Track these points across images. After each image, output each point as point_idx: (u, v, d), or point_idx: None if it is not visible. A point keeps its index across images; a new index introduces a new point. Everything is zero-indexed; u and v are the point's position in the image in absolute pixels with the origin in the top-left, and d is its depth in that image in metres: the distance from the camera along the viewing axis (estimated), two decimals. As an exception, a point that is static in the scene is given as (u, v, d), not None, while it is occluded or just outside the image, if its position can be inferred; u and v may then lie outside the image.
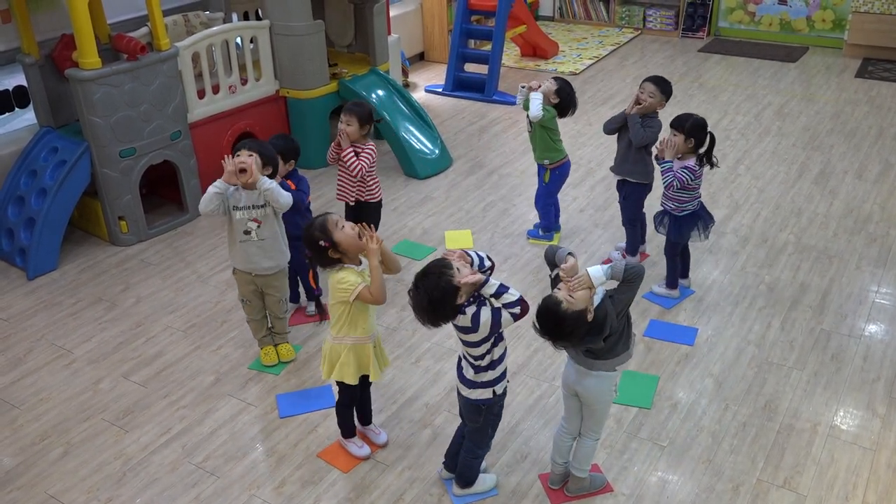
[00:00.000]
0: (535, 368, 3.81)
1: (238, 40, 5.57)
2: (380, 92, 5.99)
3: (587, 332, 2.66)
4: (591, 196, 5.46)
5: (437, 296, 2.63)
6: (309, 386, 3.74)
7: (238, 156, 3.50)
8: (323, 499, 3.13)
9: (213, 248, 4.98)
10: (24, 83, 5.12)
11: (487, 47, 7.76)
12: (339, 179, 4.32)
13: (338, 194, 4.36)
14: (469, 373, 2.86)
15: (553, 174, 4.72)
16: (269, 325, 3.90)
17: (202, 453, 3.37)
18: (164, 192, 5.48)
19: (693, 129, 3.91)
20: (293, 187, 3.82)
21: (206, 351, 4.02)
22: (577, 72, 8.06)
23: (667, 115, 4.30)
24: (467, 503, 3.09)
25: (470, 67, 7.78)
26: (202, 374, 3.85)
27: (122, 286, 4.60)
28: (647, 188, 4.45)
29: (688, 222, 4.10)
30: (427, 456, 3.31)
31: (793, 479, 3.16)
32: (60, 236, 4.78)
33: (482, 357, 2.81)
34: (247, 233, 3.53)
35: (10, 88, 5.40)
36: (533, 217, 5.23)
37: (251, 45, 5.61)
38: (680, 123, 3.94)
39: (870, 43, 8.07)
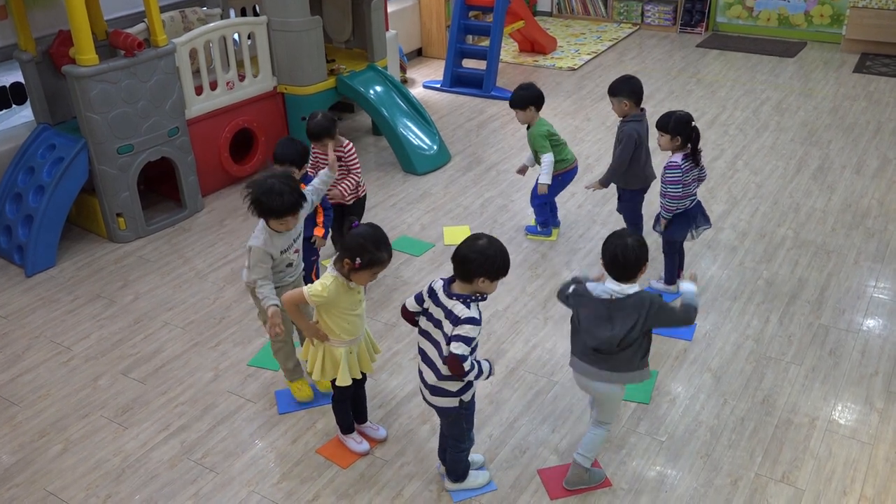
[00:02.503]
0: (533, 364, 3.82)
1: (235, 36, 5.56)
2: (378, 88, 5.98)
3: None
4: (589, 192, 5.45)
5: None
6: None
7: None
8: (322, 494, 3.13)
9: (211, 244, 4.98)
10: (21, 80, 5.11)
11: (485, 43, 7.76)
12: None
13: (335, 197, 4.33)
14: (431, 378, 2.81)
15: (556, 180, 4.68)
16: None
17: (201, 450, 3.38)
18: (162, 189, 5.48)
19: (677, 126, 3.88)
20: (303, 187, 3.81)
21: (204, 347, 4.02)
22: (576, 67, 8.06)
23: (664, 109, 4.28)
24: (465, 498, 3.09)
25: (468, 63, 7.78)
26: (201, 371, 3.85)
27: (120, 283, 4.60)
28: (641, 191, 4.44)
29: (680, 221, 4.06)
30: (426, 452, 3.31)
31: (791, 473, 3.16)
32: (58, 233, 4.77)
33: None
34: (290, 265, 3.39)
35: (7, 85, 5.40)
36: (531, 213, 5.23)
37: (249, 42, 5.61)
38: (664, 123, 3.92)
39: (868, 38, 8.07)
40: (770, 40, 8.75)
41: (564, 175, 4.73)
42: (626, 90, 4.18)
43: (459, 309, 2.73)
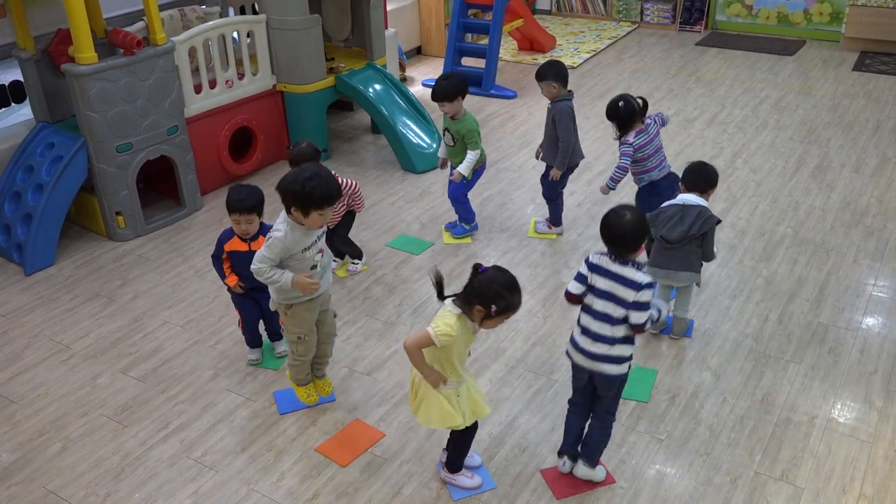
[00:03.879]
0: (532, 362, 3.82)
1: (235, 35, 5.56)
2: (377, 86, 5.98)
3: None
4: (587, 190, 5.45)
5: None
6: (307, 380, 3.74)
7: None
8: (322, 493, 3.13)
9: (210, 242, 4.96)
10: (20, 78, 5.11)
11: (484, 41, 7.76)
12: None
13: None
14: (603, 349, 2.90)
15: (473, 173, 4.70)
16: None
17: (201, 448, 3.38)
18: (161, 188, 5.48)
19: (612, 114, 4.22)
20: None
21: (204, 346, 4.02)
22: (575, 65, 8.05)
23: (664, 107, 4.28)
24: (464, 497, 3.09)
25: (467, 62, 7.78)
26: (200, 369, 3.85)
27: (119, 281, 4.60)
28: (569, 171, 4.70)
29: (649, 191, 4.25)
30: (425, 450, 3.32)
31: (790, 471, 3.17)
32: (57, 232, 4.77)
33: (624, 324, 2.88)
34: (314, 267, 3.17)
35: (6, 84, 5.39)
36: (531, 211, 5.24)
37: (248, 40, 5.60)
38: (607, 115, 4.28)
39: (867, 36, 8.07)
40: (769, 38, 8.75)
41: (481, 168, 4.74)
42: (552, 73, 4.45)
43: (639, 276, 2.83)
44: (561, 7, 9.94)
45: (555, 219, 4.90)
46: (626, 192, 4.98)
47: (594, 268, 2.91)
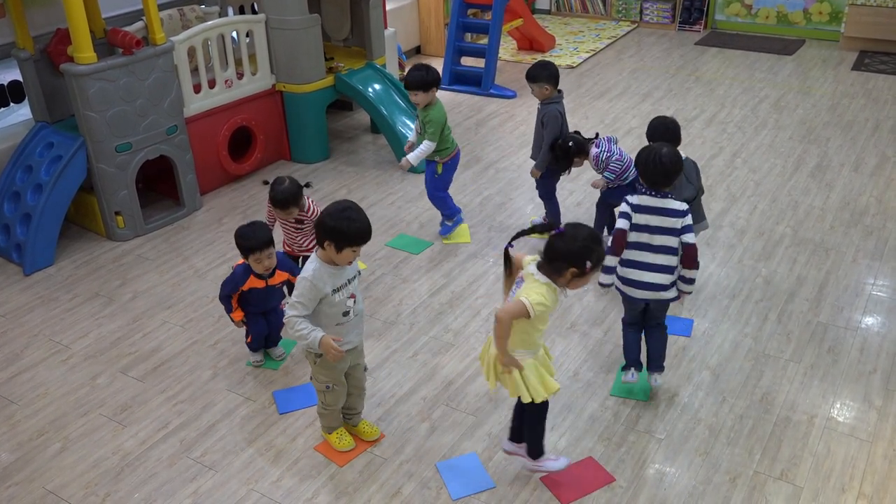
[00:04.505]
0: (532, 362, 3.82)
1: (234, 34, 5.56)
2: (376, 86, 5.98)
3: None
4: (587, 189, 5.45)
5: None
6: (306, 381, 3.73)
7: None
8: (321, 493, 3.13)
9: (209, 242, 4.98)
10: (19, 78, 5.10)
11: (484, 41, 7.75)
12: (292, 234, 4.06)
13: (292, 248, 4.11)
14: (663, 279, 3.26)
15: (445, 166, 4.70)
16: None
17: (200, 448, 3.38)
18: (160, 187, 5.48)
19: (564, 153, 4.47)
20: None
21: (203, 346, 4.02)
22: (574, 65, 8.06)
23: (663, 107, 4.28)
24: (464, 496, 3.09)
25: (466, 61, 7.78)
26: (200, 369, 3.85)
27: (118, 281, 4.60)
28: (558, 172, 4.75)
29: (622, 190, 4.36)
30: (425, 450, 3.32)
31: (790, 470, 3.17)
32: (57, 232, 4.77)
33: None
34: (346, 314, 3.01)
35: (5, 83, 5.39)
36: (530, 211, 5.24)
37: (247, 40, 5.60)
38: (560, 162, 4.52)
39: (866, 35, 8.07)
40: (769, 38, 8.75)
41: (452, 160, 4.71)
42: (545, 75, 4.50)
43: (677, 204, 3.19)
44: (560, 6, 9.94)
45: (555, 217, 4.90)
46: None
47: (637, 208, 3.23)
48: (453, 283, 4.47)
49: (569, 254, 2.65)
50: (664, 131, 3.88)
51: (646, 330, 3.52)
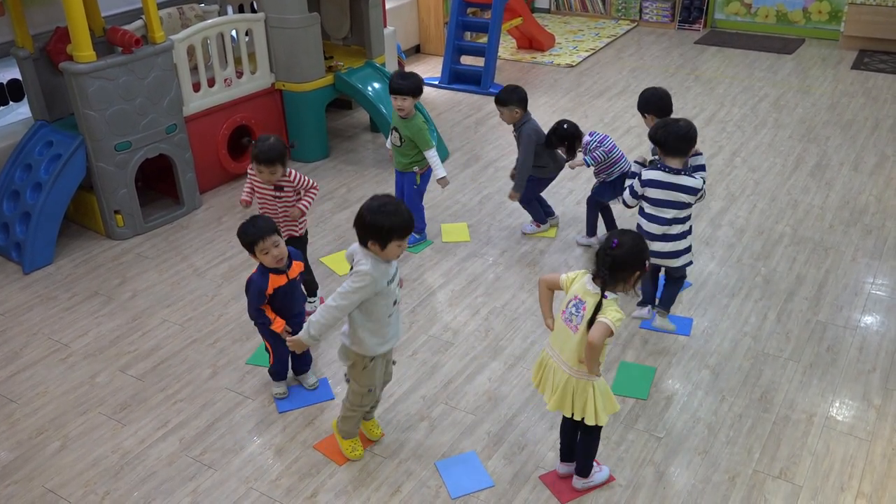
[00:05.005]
0: (531, 360, 3.82)
1: (233, 33, 5.55)
2: (375, 85, 5.98)
3: None
4: (587, 188, 5.44)
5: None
6: (306, 379, 3.74)
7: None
8: (320, 491, 3.13)
9: (209, 241, 4.98)
10: (19, 77, 5.10)
11: (484, 40, 7.75)
12: (263, 208, 3.91)
13: None
14: (670, 246, 3.64)
15: (423, 176, 4.68)
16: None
17: (200, 447, 3.38)
18: (159, 186, 5.47)
19: (557, 138, 4.52)
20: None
21: (202, 344, 4.02)
22: (574, 64, 8.06)
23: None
24: (463, 494, 3.09)
25: (466, 60, 7.78)
26: (199, 368, 3.85)
27: (118, 280, 4.60)
28: (551, 179, 4.80)
29: (607, 187, 4.53)
30: (424, 448, 3.32)
31: (789, 469, 3.17)
32: (56, 230, 4.76)
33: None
34: (395, 303, 2.97)
35: (5, 82, 5.38)
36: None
37: (246, 38, 5.60)
38: (549, 145, 4.57)
39: (866, 34, 8.07)
40: (768, 37, 8.75)
41: (429, 170, 4.67)
42: (516, 98, 4.51)
43: (692, 181, 3.55)
44: (560, 5, 9.94)
45: (538, 217, 4.89)
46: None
47: (650, 182, 3.58)
48: (452, 282, 4.47)
49: (634, 260, 2.70)
50: (657, 101, 4.08)
51: (666, 278, 3.93)
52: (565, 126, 4.51)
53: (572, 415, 2.87)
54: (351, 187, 5.62)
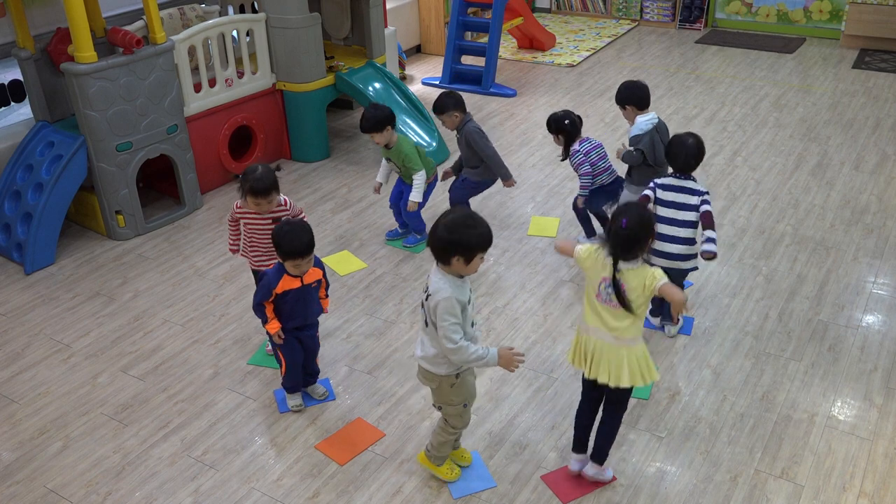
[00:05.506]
0: (532, 361, 3.82)
1: (234, 33, 5.55)
2: (376, 85, 5.98)
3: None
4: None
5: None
6: (307, 379, 3.74)
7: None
8: (322, 491, 3.13)
9: (210, 241, 4.98)
10: (20, 77, 5.10)
11: (484, 40, 7.75)
12: (255, 246, 3.69)
13: (260, 263, 3.72)
14: (680, 248, 3.72)
15: (429, 186, 4.70)
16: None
17: (201, 447, 3.38)
18: (161, 186, 5.48)
19: (556, 126, 4.48)
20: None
21: (204, 345, 4.02)
22: (574, 64, 8.05)
23: (664, 106, 4.28)
24: (465, 494, 3.09)
25: (467, 60, 7.77)
26: (201, 368, 3.85)
27: (119, 280, 4.60)
28: (480, 185, 4.79)
29: (597, 195, 4.54)
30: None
31: (790, 469, 3.17)
32: (57, 231, 4.77)
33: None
34: (473, 325, 2.85)
35: (6, 83, 5.39)
36: (531, 210, 5.23)
37: (247, 39, 5.60)
38: (548, 127, 4.54)
39: (867, 34, 8.06)
40: (769, 36, 8.74)
41: (433, 182, 4.74)
42: (452, 103, 4.53)
43: (696, 184, 3.71)
44: (560, 5, 9.93)
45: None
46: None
47: (663, 186, 3.74)
48: (454, 282, 4.46)
49: (645, 232, 2.81)
50: (639, 93, 4.21)
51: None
52: (566, 122, 4.46)
53: (614, 386, 2.91)
54: (352, 188, 5.62)
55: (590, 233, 4.77)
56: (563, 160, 4.60)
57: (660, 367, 3.74)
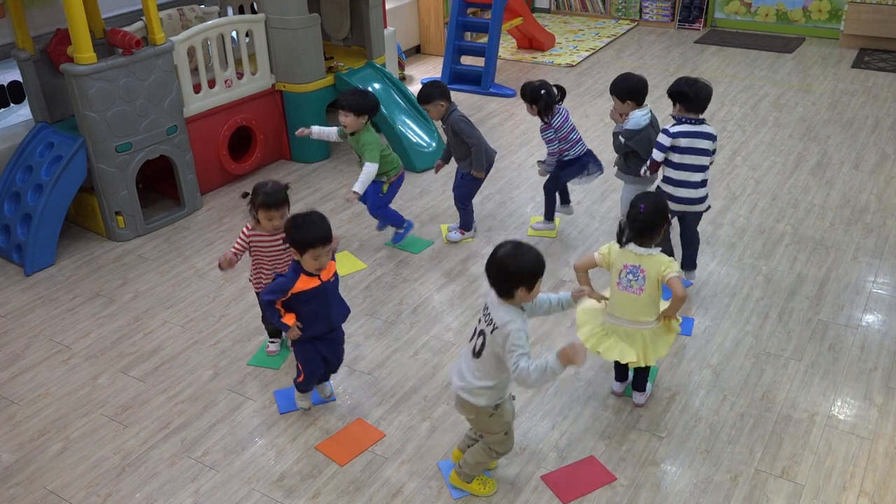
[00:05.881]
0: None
1: (234, 34, 5.55)
2: (376, 85, 5.98)
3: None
4: (587, 188, 5.45)
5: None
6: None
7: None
8: (322, 492, 3.13)
9: (209, 242, 4.98)
10: (19, 78, 5.10)
11: (484, 40, 7.75)
12: (262, 270, 3.61)
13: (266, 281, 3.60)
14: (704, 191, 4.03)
15: (391, 186, 4.68)
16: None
17: (201, 448, 3.38)
18: (160, 187, 5.48)
19: (531, 95, 4.54)
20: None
21: (204, 345, 4.02)
22: (574, 64, 8.05)
23: (663, 106, 4.29)
24: (464, 496, 3.09)
25: (466, 60, 7.78)
26: (201, 369, 3.85)
27: (119, 281, 4.60)
28: (479, 181, 4.76)
29: (571, 166, 4.67)
30: (426, 449, 3.32)
31: (791, 468, 3.17)
32: (57, 232, 4.77)
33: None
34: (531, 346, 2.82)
35: (5, 84, 5.39)
36: (530, 210, 5.24)
37: (247, 39, 5.60)
38: (522, 93, 4.61)
39: (866, 33, 8.07)
40: (768, 36, 8.75)
41: (398, 180, 4.69)
42: (438, 93, 4.52)
43: (710, 127, 3.96)
44: (560, 5, 9.94)
45: (466, 224, 4.86)
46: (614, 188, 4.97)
47: (680, 134, 3.90)
48: (454, 283, 4.47)
49: (661, 218, 3.18)
50: (643, 89, 4.26)
51: (682, 239, 4.22)
52: (542, 93, 4.50)
53: (644, 365, 3.29)
54: (351, 188, 5.61)
55: (549, 216, 4.89)
56: (541, 130, 4.63)
57: (659, 367, 3.74)
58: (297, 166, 5.96)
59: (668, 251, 4.04)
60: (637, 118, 4.22)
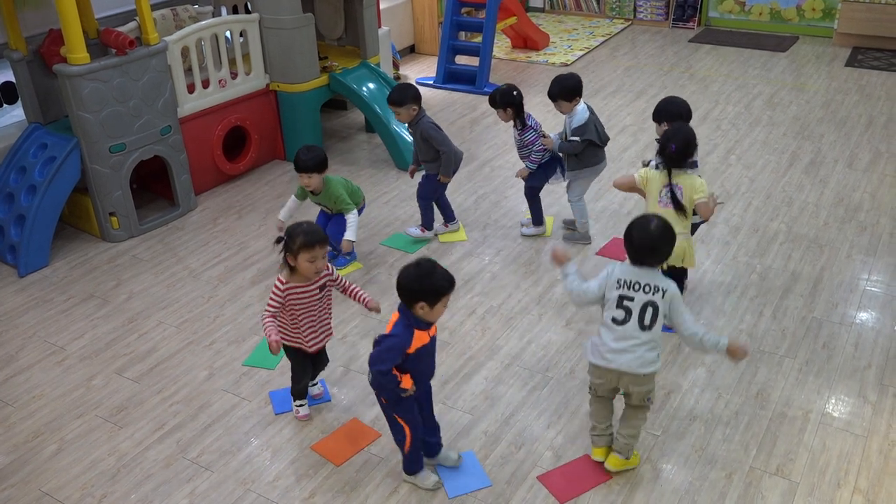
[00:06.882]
0: (528, 360, 3.82)
1: (227, 34, 5.55)
2: (370, 85, 5.98)
3: None
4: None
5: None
6: (303, 380, 3.73)
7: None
8: (318, 492, 3.13)
9: (204, 243, 4.97)
10: (12, 79, 5.09)
11: (478, 39, 7.76)
12: (299, 325, 3.25)
13: (315, 341, 3.34)
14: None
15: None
16: None
17: (196, 448, 3.37)
18: (154, 188, 5.47)
19: (502, 99, 4.51)
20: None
21: (199, 346, 4.02)
22: (568, 63, 8.06)
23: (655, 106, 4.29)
24: (460, 494, 3.10)
25: (461, 59, 7.78)
26: (195, 370, 3.85)
27: (113, 282, 4.59)
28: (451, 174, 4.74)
29: (538, 172, 4.67)
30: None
31: (785, 466, 3.18)
32: (51, 233, 4.76)
33: None
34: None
35: (-2, 85, 5.39)
36: (525, 209, 5.23)
37: (241, 39, 5.59)
38: (492, 101, 4.58)
39: (859, 32, 8.09)
40: (762, 35, 8.76)
41: (360, 210, 4.55)
42: (411, 95, 4.49)
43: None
44: (554, 4, 9.94)
45: (427, 222, 4.84)
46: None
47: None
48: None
49: (690, 147, 3.70)
50: (576, 81, 4.37)
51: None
52: (515, 94, 4.50)
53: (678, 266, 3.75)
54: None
55: (538, 220, 4.85)
56: (521, 134, 4.58)
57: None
58: (292, 166, 5.93)
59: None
60: (580, 113, 4.39)
